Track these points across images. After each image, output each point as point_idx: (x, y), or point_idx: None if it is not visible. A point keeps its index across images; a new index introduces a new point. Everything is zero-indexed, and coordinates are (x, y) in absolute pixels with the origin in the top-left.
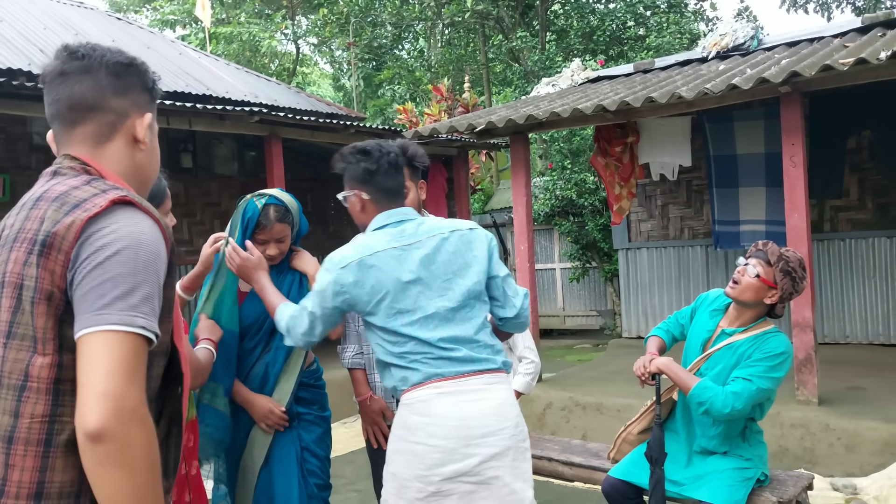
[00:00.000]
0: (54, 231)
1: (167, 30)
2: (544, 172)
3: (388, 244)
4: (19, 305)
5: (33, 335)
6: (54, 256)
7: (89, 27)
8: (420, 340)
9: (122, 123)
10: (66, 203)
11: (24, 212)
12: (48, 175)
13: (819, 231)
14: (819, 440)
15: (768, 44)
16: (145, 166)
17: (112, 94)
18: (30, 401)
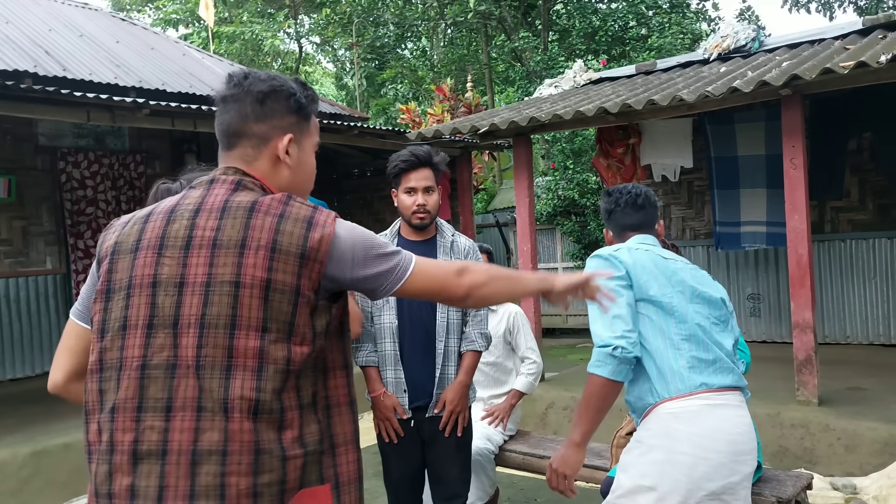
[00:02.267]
0: (310, 245)
1: (170, 29)
2: (547, 172)
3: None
4: (269, 304)
5: (289, 330)
6: (311, 265)
7: (94, 28)
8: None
9: (266, 145)
10: (297, 219)
11: (234, 219)
12: (230, 184)
13: (820, 232)
14: (819, 440)
15: (769, 45)
16: (294, 182)
17: (254, 121)
18: (289, 379)
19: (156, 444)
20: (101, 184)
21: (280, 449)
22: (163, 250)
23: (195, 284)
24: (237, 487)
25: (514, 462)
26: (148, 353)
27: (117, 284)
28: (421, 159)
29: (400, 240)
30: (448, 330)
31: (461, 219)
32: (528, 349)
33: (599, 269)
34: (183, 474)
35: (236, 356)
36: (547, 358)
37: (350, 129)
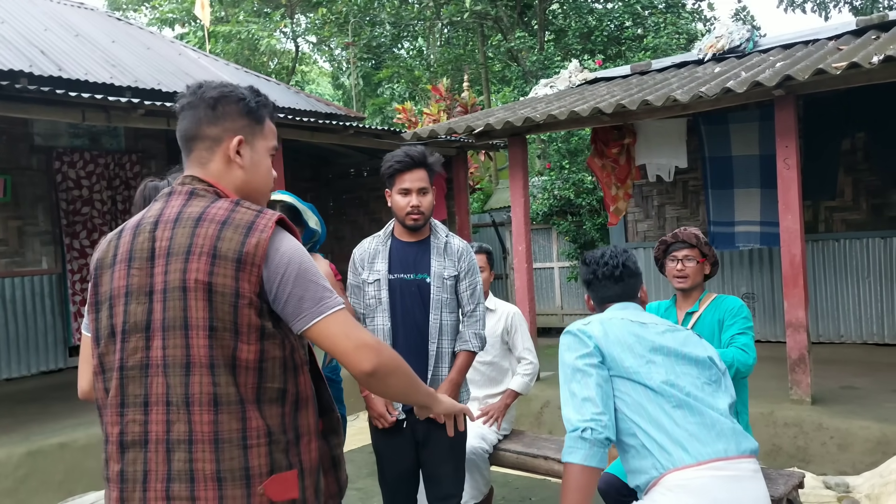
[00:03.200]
0: (245, 251)
1: (166, 28)
2: (543, 172)
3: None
4: (213, 306)
5: (234, 329)
6: (248, 269)
7: (90, 28)
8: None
9: (218, 147)
10: (238, 225)
11: (183, 228)
12: (185, 194)
13: (814, 231)
14: (812, 439)
15: (764, 46)
16: (249, 181)
17: (206, 124)
18: (242, 375)
19: (138, 434)
20: (97, 184)
21: (241, 438)
22: (132, 262)
23: (158, 292)
24: (203, 472)
25: (508, 461)
26: (124, 355)
27: (103, 297)
28: (416, 160)
29: (394, 241)
30: (441, 331)
31: (457, 219)
32: (524, 349)
33: (568, 347)
34: (161, 460)
35: (192, 354)
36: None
37: (345, 129)
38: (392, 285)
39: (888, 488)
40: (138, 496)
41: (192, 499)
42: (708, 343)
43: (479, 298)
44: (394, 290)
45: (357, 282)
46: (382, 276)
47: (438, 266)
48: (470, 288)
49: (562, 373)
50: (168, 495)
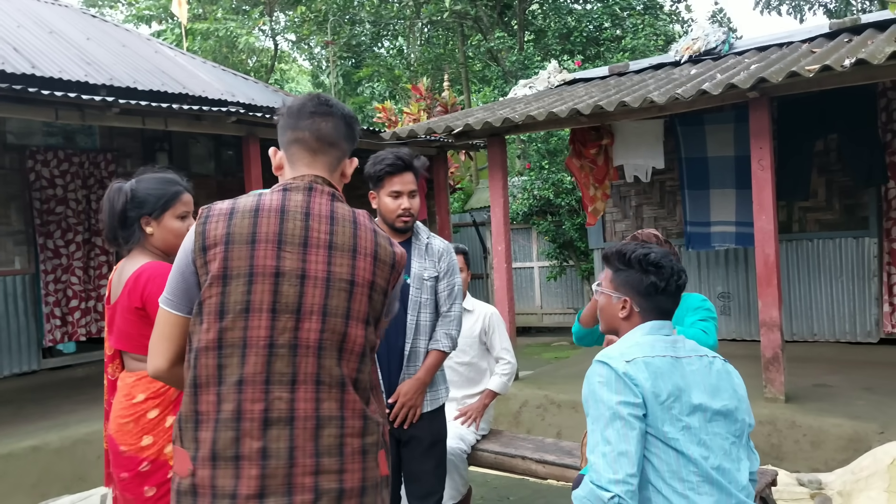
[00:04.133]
0: (397, 259)
1: (143, 25)
2: (523, 172)
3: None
4: (371, 302)
5: (375, 322)
6: (395, 274)
7: (64, 25)
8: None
9: (342, 161)
10: (383, 236)
11: (343, 227)
12: (328, 195)
13: (788, 231)
14: (786, 437)
15: (739, 48)
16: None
17: (343, 138)
18: (367, 359)
19: (284, 412)
20: (72, 183)
21: (374, 416)
22: (282, 245)
23: (317, 279)
24: (352, 447)
25: (486, 461)
26: (274, 333)
27: (235, 271)
28: (406, 163)
29: None
30: (417, 331)
31: (437, 218)
32: (502, 349)
33: (608, 384)
34: (309, 437)
35: (347, 341)
36: (521, 356)
37: None
38: None
39: (859, 485)
40: (283, 472)
41: (340, 471)
42: (739, 385)
43: (455, 299)
44: None
45: None
46: None
47: (419, 267)
48: (448, 288)
49: (595, 410)
50: (317, 469)
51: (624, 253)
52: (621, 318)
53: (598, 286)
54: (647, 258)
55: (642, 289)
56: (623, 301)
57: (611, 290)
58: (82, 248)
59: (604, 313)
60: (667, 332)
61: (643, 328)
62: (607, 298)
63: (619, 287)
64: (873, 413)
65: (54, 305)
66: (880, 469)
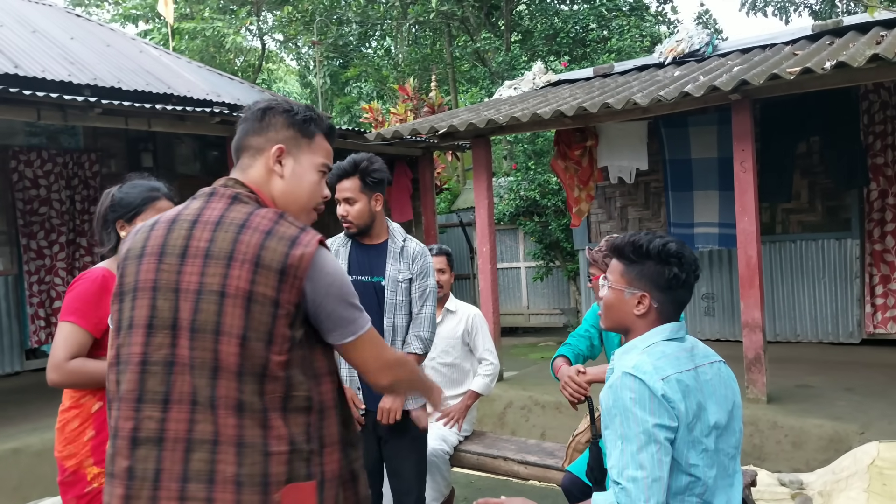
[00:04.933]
0: (290, 262)
1: (129, 25)
2: (509, 173)
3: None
4: (250, 315)
5: (268, 339)
6: (291, 281)
7: (48, 24)
8: None
9: (260, 155)
10: (282, 237)
11: (225, 233)
12: (228, 198)
13: (771, 233)
14: (767, 437)
15: (723, 50)
16: (288, 193)
17: (253, 134)
18: (270, 383)
19: (154, 431)
20: (55, 183)
21: (263, 445)
22: (162, 257)
23: (188, 291)
24: (224, 474)
25: (469, 462)
26: (147, 350)
27: (126, 287)
28: (341, 171)
29: (353, 243)
30: (394, 333)
31: (423, 219)
32: (485, 350)
33: (642, 402)
34: (178, 460)
35: (221, 360)
36: (508, 357)
37: None
38: None
39: (839, 485)
40: (147, 494)
41: (209, 500)
42: (736, 390)
43: (427, 301)
44: None
45: None
46: None
47: (393, 269)
48: (420, 290)
49: (626, 428)
50: (182, 495)
51: (640, 243)
52: (636, 314)
53: (606, 281)
54: (666, 248)
55: (663, 282)
56: (640, 296)
57: (623, 284)
58: (66, 248)
59: (613, 311)
60: (683, 335)
61: (663, 331)
62: (618, 294)
63: (634, 281)
64: (854, 413)
65: (38, 306)
66: (860, 469)
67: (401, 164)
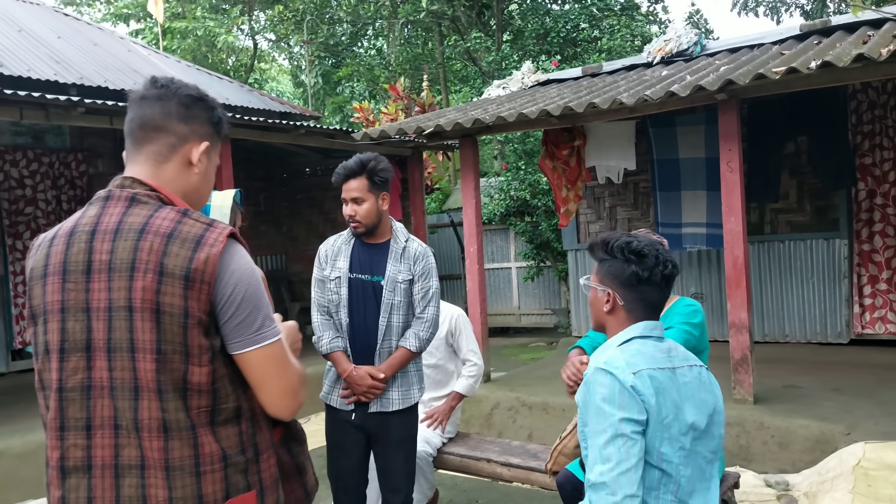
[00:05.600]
0: (194, 267)
1: (121, 24)
2: (499, 173)
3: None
4: (161, 327)
5: (185, 351)
6: (198, 287)
7: (34, 23)
8: None
9: (182, 147)
10: (185, 239)
11: (125, 241)
12: (125, 200)
13: (760, 233)
14: (754, 438)
15: (711, 49)
16: (198, 188)
17: (177, 120)
18: (194, 398)
19: (80, 460)
20: (41, 183)
21: (194, 465)
22: (66, 276)
23: (100, 310)
24: (156, 499)
25: (452, 464)
26: (63, 376)
27: (37, 311)
28: (348, 170)
29: (356, 241)
30: (388, 333)
31: (412, 219)
32: (469, 351)
33: (611, 397)
34: (108, 486)
35: (140, 378)
36: (498, 357)
37: (296, 129)
38: (351, 284)
39: (825, 486)
40: None
41: None
42: (717, 394)
43: (430, 302)
44: (352, 289)
45: (321, 276)
46: (343, 275)
47: (393, 270)
48: (423, 291)
49: (596, 423)
50: None
51: (607, 242)
52: (605, 311)
53: (587, 280)
54: (628, 246)
55: (624, 279)
56: (607, 293)
57: (595, 282)
58: None
59: (592, 308)
60: (659, 335)
61: (636, 328)
62: (592, 292)
63: (603, 279)
64: (840, 414)
65: (23, 307)
66: (846, 470)
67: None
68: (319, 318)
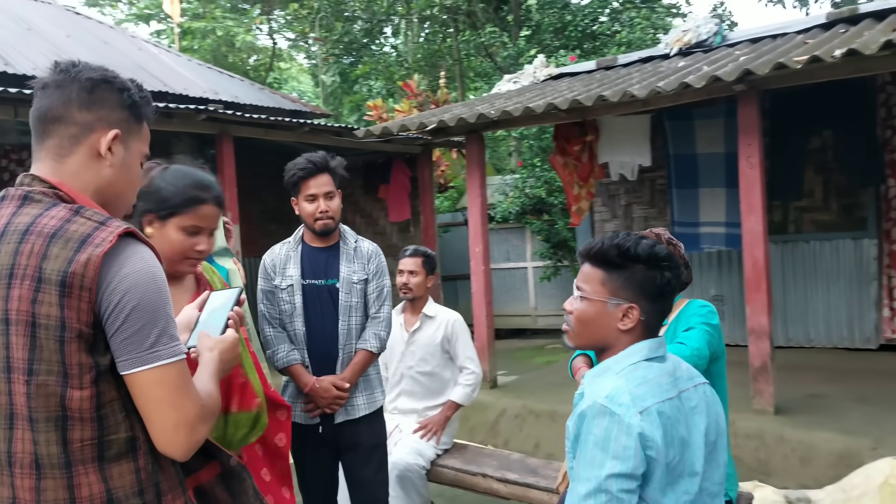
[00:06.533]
0: (72, 270)
1: (142, 24)
2: (515, 170)
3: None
4: (35, 343)
5: (62, 371)
6: (77, 294)
7: (43, 22)
8: None
9: (86, 137)
10: (69, 239)
11: (7, 245)
12: (17, 199)
13: (783, 232)
14: (774, 451)
15: (732, 40)
16: (114, 183)
17: (78, 107)
18: (76, 428)
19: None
20: None
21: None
22: None
23: None
24: None
25: (446, 478)
26: None
27: None
28: (318, 166)
29: (304, 246)
30: (349, 336)
31: (422, 217)
32: (466, 358)
33: (605, 442)
34: None
35: (14, 404)
36: (511, 360)
37: (301, 126)
38: (305, 290)
39: None
40: None
41: None
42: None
43: (385, 301)
44: (307, 296)
45: (269, 287)
46: (296, 282)
47: (347, 271)
48: (377, 290)
49: (583, 464)
50: None
51: (626, 246)
52: (621, 329)
53: (581, 291)
54: (656, 250)
55: (654, 290)
56: (627, 308)
57: (605, 294)
58: None
59: (591, 326)
60: (664, 354)
61: (641, 350)
62: (598, 307)
63: (619, 290)
64: (867, 427)
65: None
66: (871, 488)
67: (399, 161)
68: (272, 332)
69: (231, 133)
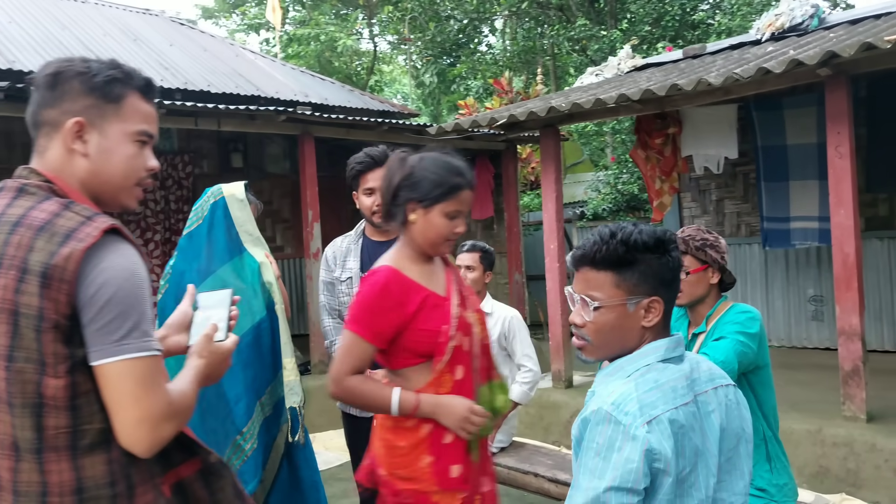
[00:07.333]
0: (54, 263)
1: (252, 33)
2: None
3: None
4: (17, 331)
5: (40, 359)
6: (56, 286)
7: (149, 32)
8: None
9: (56, 133)
10: (55, 233)
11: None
12: (12, 191)
13: (889, 227)
14: (864, 461)
15: (830, 23)
16: (97, 173)
17: (45, 107)
18: (51, 416)
19: None
20: None
21: (40, 494)
22: None
23: None
24: None
25: (500, 476)
26: None
27: None
28: (376, 160)
29: (365, 240)
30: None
31: (506, 215)
32: (524, 356)
33: (607, 451)
34: None
35: None
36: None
37: (380, 126)
38: None
39: None
40: None
41: None
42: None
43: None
44: None
45: (330, 279)
46: (355, 275)
47: None
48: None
49: (583, 471)
50: None
51: (630, 239)
52: (647, 326)
53: (594, 301)
54: (659, 236)
55: (670, 275)
56: (649, 302)
57: (621, 297)
58: (161, 246)
59: (614, 334)
60: (681, 354)
61: (657, 349)
62: (618, 311)
63: (635, 287)
64: None
65: None
66: None
67: (482, 158)
68: (331, 323)
69: (312, 133)
